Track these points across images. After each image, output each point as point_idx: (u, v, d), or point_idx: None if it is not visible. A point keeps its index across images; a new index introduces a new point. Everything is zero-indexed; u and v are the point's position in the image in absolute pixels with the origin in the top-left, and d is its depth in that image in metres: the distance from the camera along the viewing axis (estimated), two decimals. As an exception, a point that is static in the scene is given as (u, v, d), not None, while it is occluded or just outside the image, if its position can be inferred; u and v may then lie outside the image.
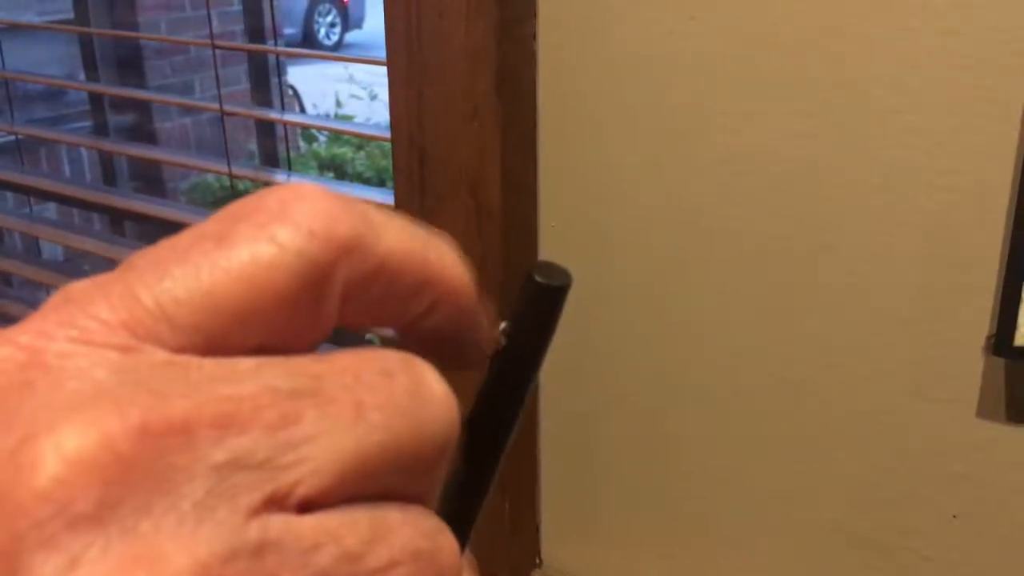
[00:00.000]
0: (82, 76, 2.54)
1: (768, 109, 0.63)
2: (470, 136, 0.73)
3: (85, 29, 1.12)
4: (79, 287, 0.17)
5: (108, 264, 2.00)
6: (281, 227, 0.17)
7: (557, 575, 0.84)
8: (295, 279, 0.17)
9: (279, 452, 0.15)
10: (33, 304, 1.24)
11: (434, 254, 0.19)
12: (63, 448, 0.14)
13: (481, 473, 0.22)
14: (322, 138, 2.95)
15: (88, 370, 0.16)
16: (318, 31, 5.55)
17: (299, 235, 0.17)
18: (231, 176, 0.88)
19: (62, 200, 1.15)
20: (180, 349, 0.16)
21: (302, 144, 3.03)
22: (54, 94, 2.52)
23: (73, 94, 2.52)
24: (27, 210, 2.04)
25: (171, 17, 2.62)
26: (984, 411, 0.61)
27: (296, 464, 0.15)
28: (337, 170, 2.83)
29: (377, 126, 0.84)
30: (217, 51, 1.02)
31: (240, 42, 2.25)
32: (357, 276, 0.17)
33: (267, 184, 0.98)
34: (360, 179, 2.91)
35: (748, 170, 0.65)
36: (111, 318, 0.16)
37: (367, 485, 0.16)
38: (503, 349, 0.21)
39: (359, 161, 2.88)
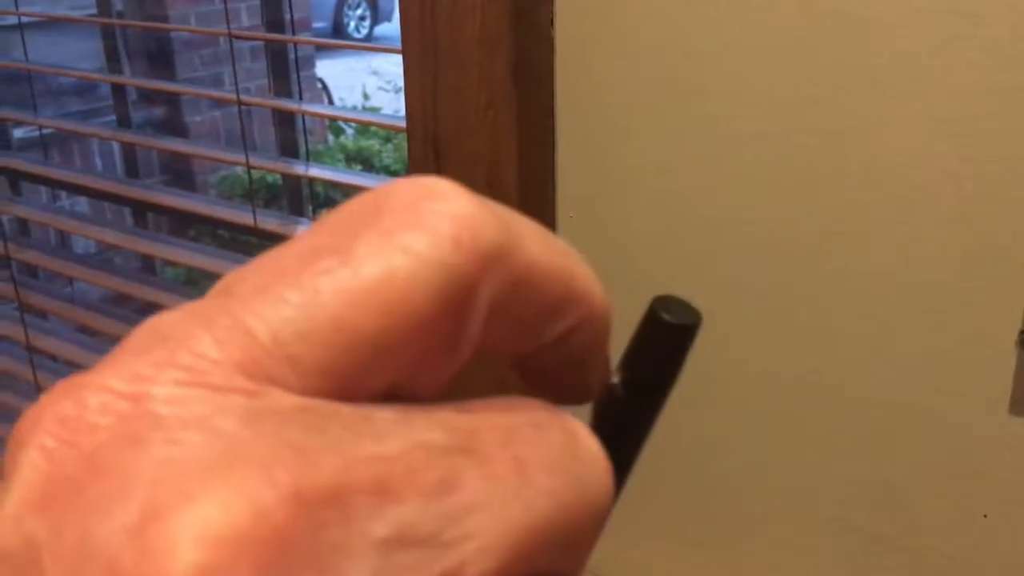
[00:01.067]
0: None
1: (792, 95, 0.61)
2: (485, 125, 0.72)
3: (103, 20, 1.12)
4: (169, 320, 0.14)
5: (135, 257, 2.00)
6: (417, 235, 0.14)
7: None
8: (439, 299, 0.14)
9: (444, 525, 0.12)
10: (56, 296, 1.24)
11: (579, 268, 0.16)
12: (206, 525, 0.11)
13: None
14: (349, 131, 2.95)
15: (212, 420, 0.12)
16: (347, 24, 5.57)
17: (441, 244, 0.14)
18: (248, 167, 0.88)
19: (91, 194, 1.15)
20: (305, 394, 0.13)
21: (330, 137, 3.04)
22: (85, 89, 2.54)
23: (104, 88, 2.55)
24: (59, 204, 2.06)
25: (200, 10, 2.63)
26: (1017, 407, 0.59)
27: (462, 540, 0.13)
28: (364, 163, 2.83)
29: (394, 116, 0.83)
30: (246, 46, 1.01)
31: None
32: (503, 292, 0.15)
33: (286, 175, 0.97)
34: (388, 172, 2.91)
35: (770, 158, 0.63)
36: (222, 357, 0.13)
37: (533, 564, 0.13)
38: (620, 401, 0.18)
39: (386, 154, 2.88)
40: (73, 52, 2.29)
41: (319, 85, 3.15)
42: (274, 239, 0.98)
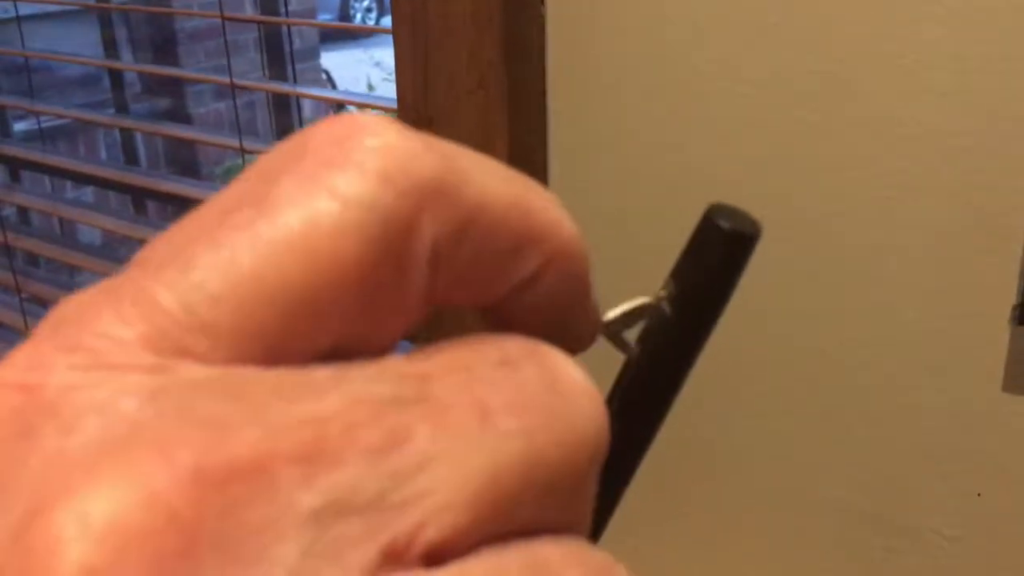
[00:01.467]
0: (124, 59, 2.56)
1: (785, 71, 0.60)
2: (476, 106, 0.71)
3: (96, 5, 1.12)
4: (76, 300, 0.12)
5: (139, 246, 2.01)
6: (341, 174, 0.12)
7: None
8: (371, 242, 0.12)
9: (391, 486, 0.11)
10: (61, 285, 1.25)
11: (538, 202, 0.15)
12: (90, 517, 0.10)
13: (622, 471, 0.18)
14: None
15: (111, 403, 0.11)
16: (354, 16, 5.56)
17: (368, 182, 0.12)
18: (242, 151, 0.88)
19: (89, 181, 1.15)
20: (227, 363, 0.12)
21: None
22: (90, 80, 2.54)
23: (108, 80, 2.55)
24: (65, 194, 2.07)
25: (203, 0, 2.63)
26: (1011, 385, 0.58)
27: (416, 500, 0.11)
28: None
29: (386, 98, 0.83)
30: (251, 37, 1.01)
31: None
32: (447, 232, 0.13)
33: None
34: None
35: (763, 135, 0.62)
36: (125, 334, 0.12)
37: (510, 517, 0.12)
38: (666, 321, 0.17)
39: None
40: (76, 43, 2.29)
41: (323, 76, 3.15)
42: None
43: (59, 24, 2.24)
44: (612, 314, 0.17)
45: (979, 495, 0.61)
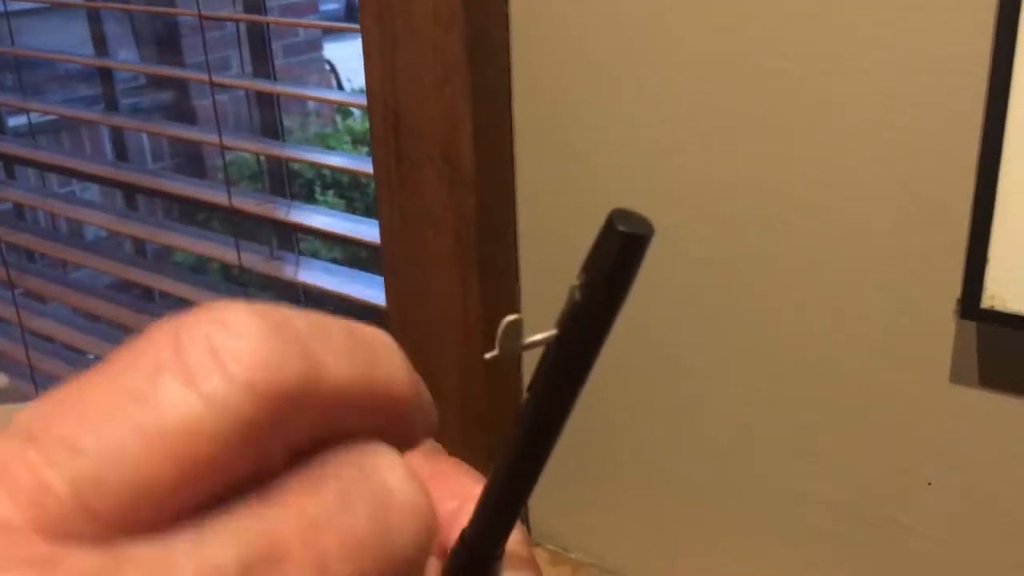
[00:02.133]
0: (125, 52, 2.58)
1: (746, 67, 0.61)
2: (442, 102, 0.72)
3: (82, 4, 1.13)
4: None
5: (146, 244, 2.01)
6: (210, 379, 0.14)
7: (547, 543, 0.84)
8: (236, 445, 0.14)
9: None
10: (51, 279, 1.26)
11: (381, 371, 0.17)
12: None
13: (546, 438, 0.21)
14: (357, 113, 2.96)
15: None
16: (356, 4, 5.54)
17: (234, 391, 0.14)
18: (222, 147, 0.89)
19: (79, 176, 1.17)
20: (105, 538, 0.13)
21: (338, 120, 3.05)
22: (91, 75, 2.56)
23: (117, 73, 2.56)
24: (70, 190, 2.09)
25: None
26: (957, 376, 0.59)
27: None
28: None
29: (358, 94, 0.84)
30: (244, 30, 1.02)
31: (278, 16, 2.26)
32: (303, 422, 0.15)
33: (261, 155, 0.98)
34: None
35: (722, 132, 0.63)
36: (17, 517, 0.13)
37: None
38: (577, 305, 0.20)
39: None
40: (75, 38, 2.31)
41: (327, 67, 3.16)
42: (271, 222, 1.00)
43: (54, 18, 2.25)
44: (496, 342, 0.21)
45: (930, 484, 0.62)
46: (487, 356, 0.21)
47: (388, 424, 0.17)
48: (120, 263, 1.13)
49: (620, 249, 0.20)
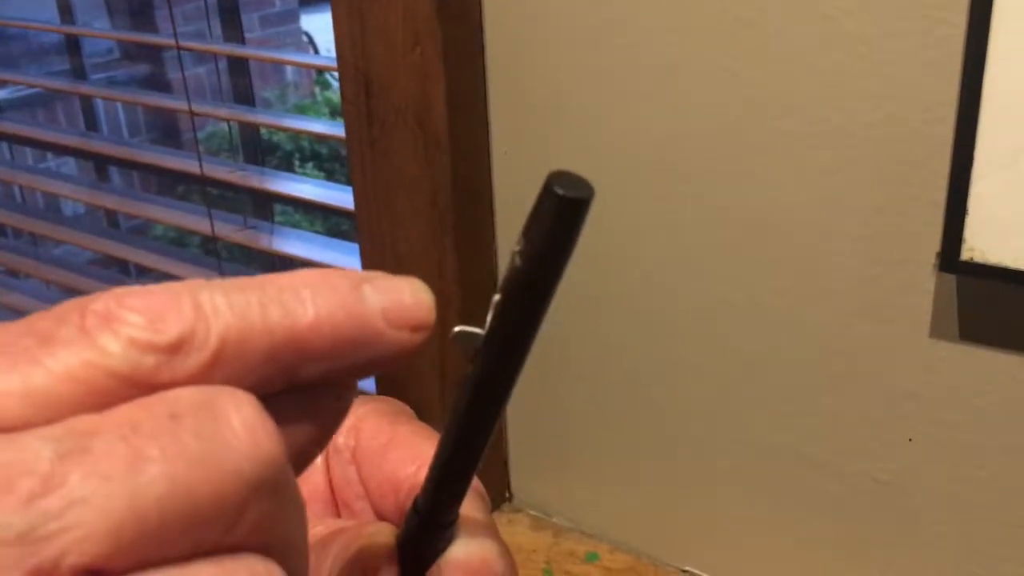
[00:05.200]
0: (99, 24, 2.53)
1: (715, 26, 0.60)
2: (413, 64, 0.71)
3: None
4: None
5: (127, 219, 1.98)
6: (103, 333, 0.16)
7: (528, 509, 0.84)
8: (112, 381, 0.16)
9: (39, 522, 0.14)
10: (26, 255, 1.25)
11: (275, 314, 0.17)
12: None
13: (491, 403, 0.21)
14: (335, 84, 2.93)
15: None
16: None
17: (118, 341, 0.16)
18: (192, 114, 0.87)
19: (47, 148, 1.15)
20: None
21: (317, 91, 3.02)
22: (65, 48, 2.51)
23: (92, 47, 2.52)
24: (47, 165, 2.05)
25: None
26: (937, 330, 0.59)
27: (60, 533, 0.14)
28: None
29: (328, 57, 0.82)
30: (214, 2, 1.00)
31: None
32: (192, 369, 0.16)
33: (231, 121, 0.97)
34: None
35: (695, 88, 0.62)
36: None
37: (165, 544, 0.15)
38: (517, 270, 0.19)
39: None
40: (48, 13, 2.27)
41: (305, 38, 3.12)
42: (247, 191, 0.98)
43: (29, -9, 2.21)
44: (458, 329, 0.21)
45: (910, 440, 0.62)
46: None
47: (326, 353, 0.18)
48: (96, 237, 1.11)
49: (559, 213, 0.19)
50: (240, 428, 0.16)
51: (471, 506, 0.24)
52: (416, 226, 0.75)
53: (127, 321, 0.16)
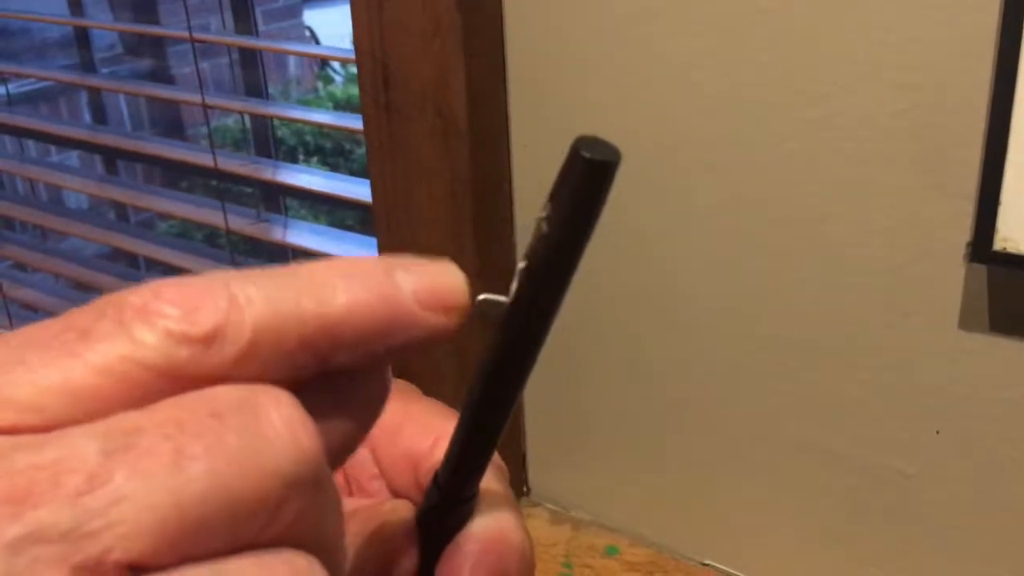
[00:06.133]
0: (102, 19, 2.52)
1: (741, 14, 0.59)
2: (432, 54, 0.70)
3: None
4: None
5: (133, 212, 1.99)
6: (139, 325, 0.16)
7: (546, 503, 0.83)
8: (149, 374, 0.16)
9: (84, 519, 0.14)
10: (31, 248, 1.24)
11: (308, 302, 0.18)
12: None
13: (515, 373, 0.21)
14: (339, 79, 2.93)
15: None
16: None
17: (154, 333, 0.16)
18: (204, 107, 0.87)
19: (58, 142, 1.14)
20: (14, 429, 0.15)
21: (320, 85, 3.01)
22: (71, 42, 2.51)
23: (98, 41, 2.51)
24: (50, 159, 2.05)
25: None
26: (966, 322, 0.58)
27: (104, 529, 0.14)
28: (354, 110, 2.81)
29: (346, 49, 0.82)
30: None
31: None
32: (226, 360, 0.17)
33: (243, 113, 0.96)
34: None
35: (721, 79, 0.62)
36: None
37: (206, 539, 0.15)
38: (544, 236, 0.19)
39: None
40: (52, 5, 2.26)
41: (307, 33, 3.11)
42: (247, 182, 0.97)
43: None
44: (480, 297, 0.20)
45: (937, 432, 0.61)
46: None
47: (362, 337, 0.18)
48: (104, 230, 1.10)
49: (585, 177, 0.19)
50: (280, 426, 0.16)
51: (490, 478, 0.24)
52: (435, 217, 0.75)
53: (163, 313, 0.16)
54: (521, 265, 0.19)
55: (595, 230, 0.19)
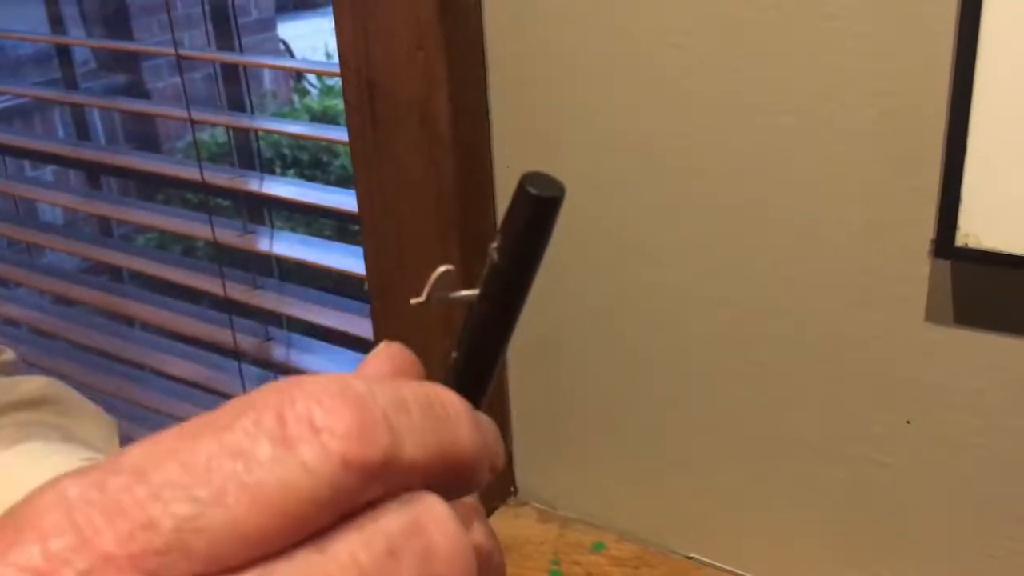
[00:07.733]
0: (76, 35, 2.52)
1: (712, 25, 0.62)
2: (416, 66, 0.72)
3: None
4: (76, 487, 0.16)
5: (112, 226, 1.98)
6: (310, 449, 0.16)
7: (534, 502, 0.85)
8: (326, 507, 0.16)
9: None
10: (12, 263, 1.25)
11: (452, 442, 0.19)
12: None
13: (479, 383, 0.22)
14: (314, 92, 2.94)
15: None
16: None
17: (331, 463, 0.16)
18: (191, 121, 0.88)
19: (38, 157, 1.15)
20: (191, 572, 0.16)
21: (295, 98, 3.02)
22: (45, 59, 2.50)
23: (71, 58, 2.50)
24: (26, 174, 2.04)
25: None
26: (933, 315, 0.61)
27: None
28: (330, 122, 2.82)
29: (330, 62, 0.83)
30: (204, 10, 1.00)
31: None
32: (379, 488, 0.17)
33: (229, 127, 0.97)
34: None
35: (700, 87, 0.64)
36: (118, 552, 0.15)
37: None
38: (495, 266, 0.20)
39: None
40: (28, 22, 2.26)
41: (282, 47, 3.13)
42: (230, 194, 0.99)
43: (5, 3, 2.20)
44: (425, 290, 0.22)
45: (908, 422, 0.64)
46: (412, 301, 0.22)
47: (452, 480, 0.19)
48: (86, 244, 1.11)
49: (532, 212, 0.20)
50: (449, 554, 0.17)
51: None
52: (420, 226, 0.77)
53: (335, 432, 0.17)
54: (475, 291, 0.21)
55: (546, 255, 0.21)
